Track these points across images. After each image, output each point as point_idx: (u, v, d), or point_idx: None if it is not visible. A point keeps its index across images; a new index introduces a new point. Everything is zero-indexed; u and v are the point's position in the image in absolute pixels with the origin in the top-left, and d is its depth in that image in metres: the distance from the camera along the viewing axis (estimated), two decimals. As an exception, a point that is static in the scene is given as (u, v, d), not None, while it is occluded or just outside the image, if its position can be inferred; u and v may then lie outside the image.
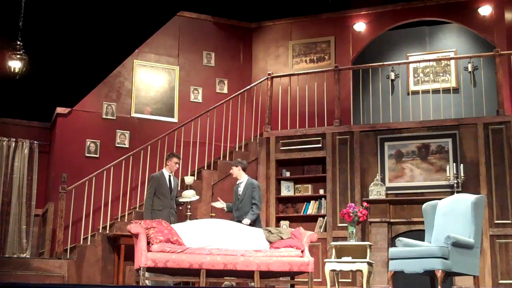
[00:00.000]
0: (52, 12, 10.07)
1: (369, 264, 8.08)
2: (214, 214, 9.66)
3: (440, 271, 6.48)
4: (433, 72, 11.18)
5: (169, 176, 8.62)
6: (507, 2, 10.57)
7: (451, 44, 11.52)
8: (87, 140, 10.28)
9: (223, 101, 10.56)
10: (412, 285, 8.54)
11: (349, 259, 8.13)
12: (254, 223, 8.31)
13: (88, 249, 8.97)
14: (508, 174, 8.88)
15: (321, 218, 9.70)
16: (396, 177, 9.46)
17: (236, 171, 8.53)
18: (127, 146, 10.46)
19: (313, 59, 11.59)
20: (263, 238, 7.93)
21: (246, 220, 8.20)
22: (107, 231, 9.21)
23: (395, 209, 9.27)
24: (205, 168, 10.08)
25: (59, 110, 10.19)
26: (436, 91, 10.33)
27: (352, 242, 8.44)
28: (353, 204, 8.67)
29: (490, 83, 10.26)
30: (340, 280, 8.61)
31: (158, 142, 9.97)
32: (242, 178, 8.54)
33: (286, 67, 11.65)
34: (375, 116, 10.30)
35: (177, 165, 8.70)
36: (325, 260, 8.50)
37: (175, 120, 10.93)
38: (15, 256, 9.82)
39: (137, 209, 9.71)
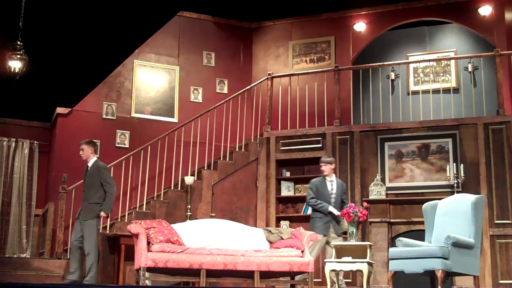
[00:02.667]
0: (52, 12, 10.08)
1: (369, 264, 8.06)
2: (214, 214, 9.67)
3: (440, 271, 6.47)
4: (433, 72, 11.19)
5: (87, 166, 8.20)
6: (507, 2, 10.57)
7: (451, 44, 11.52)
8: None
9: (223, 101, 10.56)
10: (412, 285, 8.53)
11: (349, 259, 8.11)
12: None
13: (88, 249, 8.96)
14: (508, 174, 8.88)
15: (321, 218, 9.68)
16: (396, 177, 9.46)
17: (330, 169, 8.44)
18: (127, 146, 10.46)
19: (313, 59, 11.59)
20: (263, 238, 7.93)
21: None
22: (107, 231, 9.21)
23: (395, 209, 9.27)
24: (205, 168, 10.08)
25: (59, 110, 10.19)
26: (436, 91, 10.33)
27: (352, 242, 8.42)
28: (353, 204, 8.64)
29: (490, 83, 10.26)
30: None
31: (158, 142, 9.97)
32: (333, 176, 8.52)
33: (286, 67, 11.65)
34: (375, 116, 10.30)
35: (79, 153, 8.28)
36: (325, 260, 8.49)
37: (175, 120, 10.93)
38: (15, 256, 9.83)
39: (137, 209, 9.72)
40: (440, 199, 7.44)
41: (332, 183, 8.45)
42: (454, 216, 6.98)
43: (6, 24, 9.24)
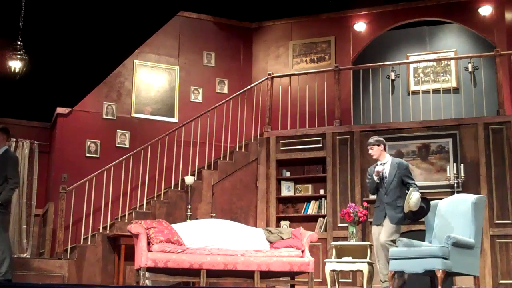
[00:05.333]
0: (52, 12, 10.08)
1: (369, 264, 8.08)
2: (214, 214, 9.68)
3: (440, 271, 6.47)
4: (433, 72, 11.18)
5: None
6: (507, 2, 10.57)
7: (451, 44, 11.52)
8: (88, 140, 10.28)
9: (223, 101, 10.56)
10: (412, 285, 8.53)
11: (350, 259, 8.13)
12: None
13: (89, 249, 8.98)
14: (508, 174, 8.88)
15: (321, 218, 9.70)
16: (396, 177, 9.45)
17: (378, 151, 7.33)
18: (127, 146, 10.46)
19: (313, 59, 11.59)
20: (263, 238, 7.94)
21: (417, 194, 6.99)
22: (108, 231, 9.21)
23: (396, 209, 9.25)
24: (205, 168, 10.08)
25: (60, 110, 10.19)
26: (436, 91, 10.33)
27: (353, 242, 8.45)
28: (353, 204, 8.68)
29: (490, 83, 10.26)
30: (340, 280, 8.61)
31: (158, 142, 9.97)
32: (386, 158, 7.33)
33: (286, 67, 11.65)
34: (375, 116, 10.30)
35: None
36: (326, 260, 8.50)
37: (175, 120, 10.93)
38: (15, 256, 9.79)
39: (137, 209, 9.72)
40: (440, 199, 7.44)
41: (384, 167, 7.26)
42: (454, 216, 6.98)
43: (6, 24, 9.24)
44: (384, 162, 7.28)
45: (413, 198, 6.91)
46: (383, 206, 7.19)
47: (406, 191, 7.06)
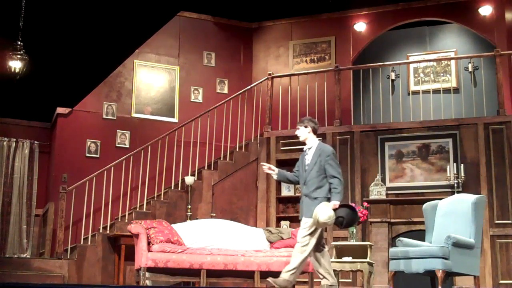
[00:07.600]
0: (52, 12, 10.08)
1: (370, 264, 8.08)
2: (214, 214, 9.68)
3: (440, 271, 6.47)
4: (434, 72, 11.19)
5: None
6: (507, 2, 10.57)
7: (451, 44, 11.52)
8: (88, 140, 10.29)
9: (223, 101, 10.56)
10: (412, 285, 8.53)
11: (350, 259, 8.13)
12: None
13: (89, 249, 8.98)
14: (508, 174, 8.88)
15: (322, 218, 9.68)
16: (396, 177, 9.46)
17: (304, 133, 6.40)
18: (127, 146, 10.46)
19: (313, 59, 11.59)
20: (263, 238, 7.94)
21: (335, 202, 6.09)
22: (108, 231, 9.21)
23: (396, 209, 9.27)
24: (206, 168, 10.08)
25: (60, 110, 10.19)
26: (436, 91, 10.33)
27: (353, 242, 8.44)
28: (353, 204, 8.67)
29: (490, 83, 10.26)
30: (341, 280, 8.60)
31: (159, 142, 9.97)
32: (311, 143, 6.40)
33: (286, 67, 11.65)
34: (376, 116, 10.30)
35: None
36: (326, 260, 8.48)
37: (175, 120, 10.93)
38: (15, 256, 9.82)
39: (138, 209, 9.72)
40: (440, 199, 7.44)
41: (308, 153, 6.37)
42: (454, 216, 6.98)
43: (6, 24, 9.24)
44: (309, 147, 6.37)
45: (321, 217, 5.96)
46: (302, 198, 6.33)
47: (331, 183, 6.16)
